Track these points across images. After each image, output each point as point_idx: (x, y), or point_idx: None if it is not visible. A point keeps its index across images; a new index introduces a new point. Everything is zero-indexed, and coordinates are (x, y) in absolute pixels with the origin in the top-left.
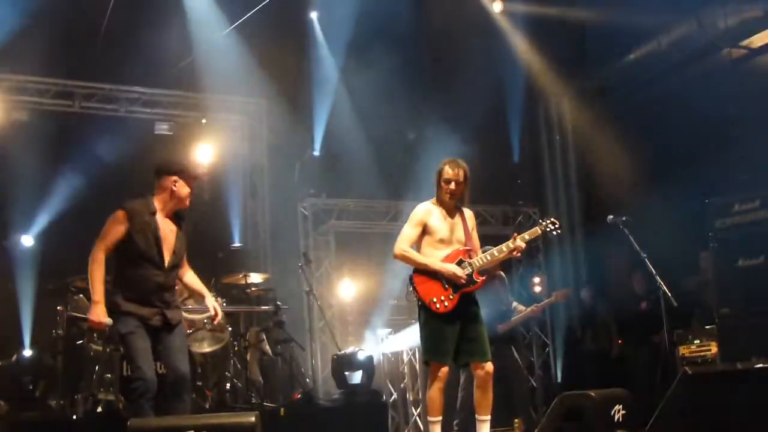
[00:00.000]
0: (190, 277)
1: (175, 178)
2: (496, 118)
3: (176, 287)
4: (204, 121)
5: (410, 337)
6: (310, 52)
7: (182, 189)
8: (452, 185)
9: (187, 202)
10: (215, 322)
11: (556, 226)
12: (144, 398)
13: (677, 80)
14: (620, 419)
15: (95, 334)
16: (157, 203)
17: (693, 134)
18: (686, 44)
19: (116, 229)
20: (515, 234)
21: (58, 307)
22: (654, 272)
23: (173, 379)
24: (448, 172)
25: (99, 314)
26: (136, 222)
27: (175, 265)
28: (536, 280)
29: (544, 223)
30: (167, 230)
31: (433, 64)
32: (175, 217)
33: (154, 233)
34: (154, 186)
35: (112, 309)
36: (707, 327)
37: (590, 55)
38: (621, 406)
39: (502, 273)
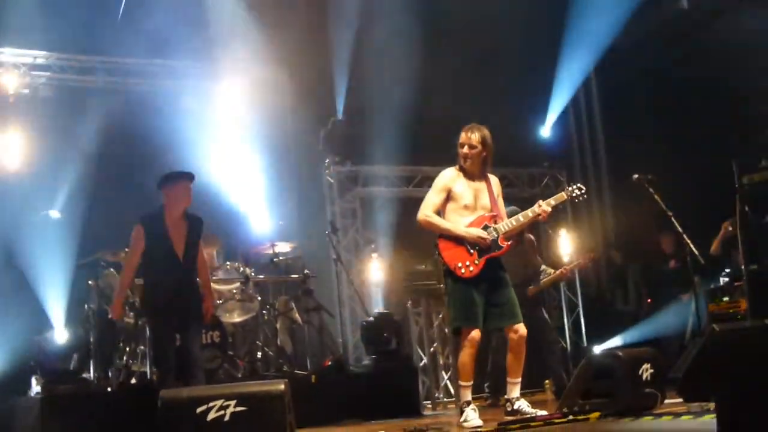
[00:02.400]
0: (203, 273)
1: (166, 189)
2: (523, 80)
3: (195, 276)
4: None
5: None
6: (329, 15)
7: (174, 195)
8: (465, 149)
9: (185, 202)
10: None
11: (582, 191)
12: (166, 373)
13: (703, 35)
14: (648, 378)
15: (126, 307)
16: (165, 210)
17: (719, 90)
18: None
19: (138, 242)
20: (540, 199)
21: (90, 282)
22: (681, 231)
23: (186, 361)
24: (462, 136)
25: (116, 310)
26: (150, 229)
27: (188, 259)
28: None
29: (569, 188)
30: (178, 231)
31: (462, 25)
32: (187, 218)
33: (166, 236)
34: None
35: (143, 302)
36: (736, 283)
37: (613, 12)
38: (649, 365)
39: (531, 236)
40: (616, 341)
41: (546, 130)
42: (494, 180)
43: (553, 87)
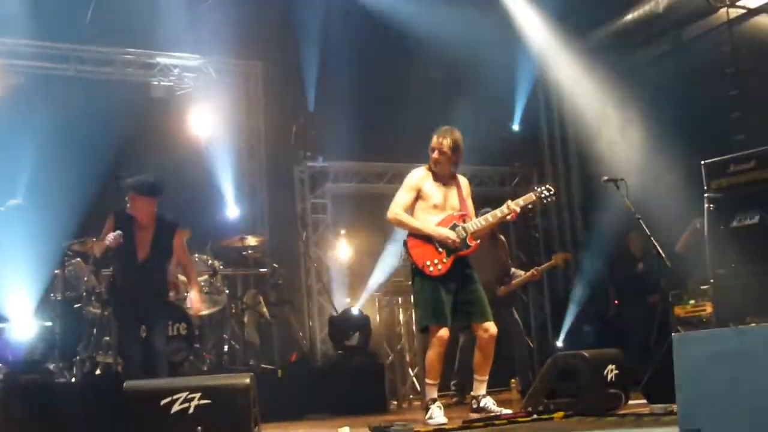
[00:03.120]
0: (187, 273)
1: (130, 196)
2: (497, 78)
3: (161, 278)
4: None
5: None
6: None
7: (134, 205)
8: (435, 154)
9: (146, 216)
10: (193, 312)
11: (551, 192)
12: (130, 365)
13: (675, 41)
14: (613, 379)
15: (92, 297)
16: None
17: (690, 95)
18: (683, 4)
19: (108, 230)
20: (509, 199)
21: (56, 271)
22: (649, 233)
23: (149, 355)
24: (434, 140)
25: (109, 237)
26: (119, 225)
27: (153, 261)
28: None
29: (538, 189)
30: (143, 233)
31: (433, 21)
32: (156, 222)
33: (131, 235)
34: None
35: (109, 298)
36: (702, 287)
37: (587, 16)
38: (614, 366)
39: (502, 237)
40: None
41: (515, 126)
42: (463, 180)
43: (517, 83)
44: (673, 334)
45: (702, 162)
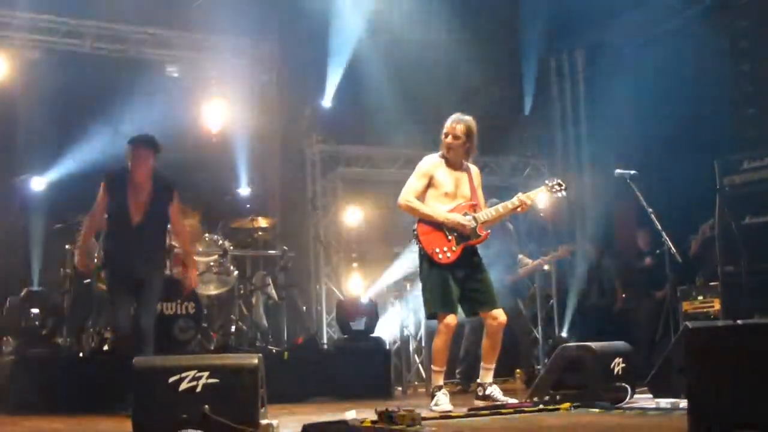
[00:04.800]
0: (181, 241)
1: (129, 148)
2: (508, 66)
3: (156, 244)
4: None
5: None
6: None
7: (133, 156)
8: (449, 139)
9: (142, 168)
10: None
11: (562, 187)
12: (120, 337)
13: (690, 34)
14: (620, 372)
15: (102, 273)
16: (130, 171)
17: (705, 89)
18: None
19: (101, 198)
20: (520, 192)
21: (66, 246)
22: (660, 228)
23: (136, 331)
24: (447, 125)
25: (80, 260)
26: (112, 187)
27: (147, 224)
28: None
29: (550, 184)
30: (138, 195)
31: (445, 12)
32: (153, 183)
33: (125, 196)
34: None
35: (103, 261)
36: (711, 283)
37: (604, 7)
38: (621, 359)
39: (511, 225)
40: None
41: (524, 111)
42: (475, 170)
43: (522, 68)
44: (682, 325)
45: (715, 158)
